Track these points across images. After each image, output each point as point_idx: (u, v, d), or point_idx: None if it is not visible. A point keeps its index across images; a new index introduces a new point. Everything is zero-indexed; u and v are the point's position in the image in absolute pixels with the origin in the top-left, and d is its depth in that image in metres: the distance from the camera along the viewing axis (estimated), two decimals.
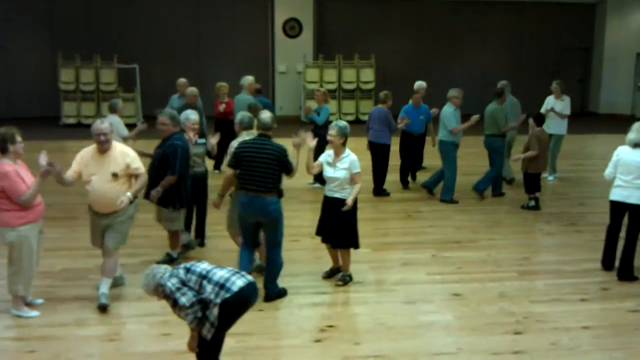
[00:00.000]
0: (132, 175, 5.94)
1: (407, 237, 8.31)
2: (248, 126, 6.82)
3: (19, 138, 5.60)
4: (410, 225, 8.83)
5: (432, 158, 11.29)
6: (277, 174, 6.01)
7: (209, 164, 8.27)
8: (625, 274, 6.78)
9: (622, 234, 6.89)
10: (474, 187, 9.98)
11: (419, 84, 11.34)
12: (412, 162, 10.97)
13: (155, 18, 18.55)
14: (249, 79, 10.87)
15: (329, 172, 6.39)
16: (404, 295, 6.43)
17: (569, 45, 20.50)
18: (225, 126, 10.18)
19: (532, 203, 9.39)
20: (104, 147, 5.85)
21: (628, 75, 19.97)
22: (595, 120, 19.01)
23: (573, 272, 7.07)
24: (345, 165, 6.30)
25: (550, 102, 11.13)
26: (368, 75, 18.30)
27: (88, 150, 5.93)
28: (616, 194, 6.82)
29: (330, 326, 5.70)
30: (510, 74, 19.11)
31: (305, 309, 6.09)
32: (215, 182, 8.04)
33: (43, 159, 5.57)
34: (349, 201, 6.22)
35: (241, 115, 6.98)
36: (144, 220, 7.25)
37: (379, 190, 10.15)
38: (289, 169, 6.09)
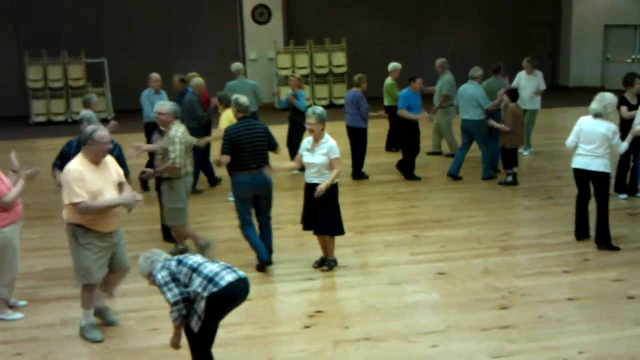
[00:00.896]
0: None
1: (389, 219, 8.33)
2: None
3: None
4: (391, 207, 8.85)
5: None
6: (267, 149, 6.62)
7: None
8: (603, 241, 6.89)
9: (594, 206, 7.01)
10: (483, 178, 9.89)
11: (394, 66, 11.33)
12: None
13: (122, 10, 18.20)
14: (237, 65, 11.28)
15: (307, 158, 6.37)
16: (390, 277, 6.46)
17: (538, 20, 20.62)
18: None
19: (510, 179, 9.48)
20: (104, 157, 5.15)
21: (597, 47, 20.16)
22: (566, 93, 19.19)
23: (554, 245, 7.16)
24: (324, 150, 6.27)
25: (521, 77, 11.20)
26: (340, 59, 18.22)
27: (80, 168, 4.96)
28: (577, 162, 6.97)
29: (319, 311, 5.72)
30: (481, 50, 19.33)
31: (292, 296, 6.10)
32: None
33: (14, 159, 5.48)
34: (323, 186, 6.18)
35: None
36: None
37: (358, 173, 10.15)
38: (275, 144, 6.70)
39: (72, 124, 15.59)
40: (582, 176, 7.00)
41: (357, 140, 10.03)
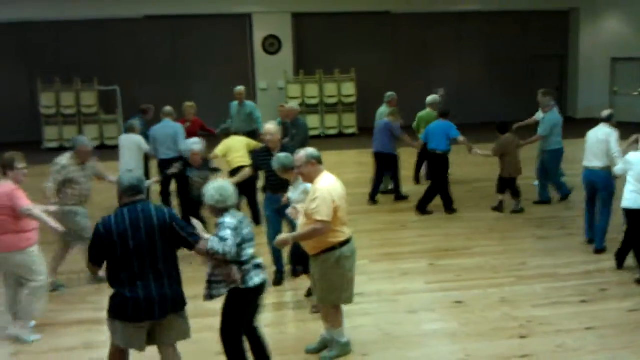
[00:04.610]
0: None
1: (403, 247, 8.35)
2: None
3: (19, 165, 5.60)
4: (405, 236, 8.88)
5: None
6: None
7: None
8: None
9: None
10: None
11: (433, 98, 11.42)
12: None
13: (133, 40, 18.49)
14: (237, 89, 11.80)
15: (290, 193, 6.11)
16: (406, 305, 6.47)
17: (544, 53, 20.83)
18: None
19: (518, 207, 9.75)
20: None
21: (604, 80, 20.31)
22: (574, 125, 19.29)
23: (570, 274, 7.17)
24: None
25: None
26: (349, 89, 18.42)
27: None
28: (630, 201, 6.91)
29: None
30: (487, 83, 19.51)
31: (309, 323, 6.08)
32: None
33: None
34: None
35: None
36: None
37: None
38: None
39: None
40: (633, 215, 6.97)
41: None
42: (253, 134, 10.83)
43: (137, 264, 4.24)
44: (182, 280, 4.53)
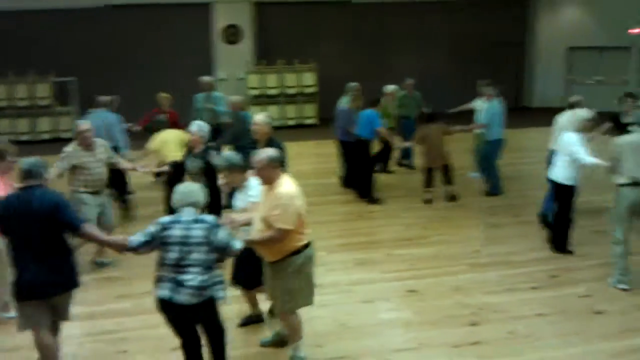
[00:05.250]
0: None
1: (360, 238, 8.39)
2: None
3: (9, 157, 5.67)
4: (362, 226, 8.91)
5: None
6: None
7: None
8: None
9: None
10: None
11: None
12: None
13: (91, 30, 18.09)
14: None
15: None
16: (362, 295, 6.50)
17: (503, 42, 21.07)
18: None
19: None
20: None
21: (560, 69, 20.66)
22: (530, 113, 19.60)
23: (522, 261, 7.30)
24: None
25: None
26: (309, 79, 18.37)
27: None
28: None
29: None
30: (448, 72, 19.66)
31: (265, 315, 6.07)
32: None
33: None
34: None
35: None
36: None
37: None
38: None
39: (37, 143, 15.42)
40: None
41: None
42: (218, 128, 10.09)
43: (21, 246, 4.48)
44: (73, 262, 4.74)
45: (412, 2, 19.79)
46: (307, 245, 4.96)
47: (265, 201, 4.84)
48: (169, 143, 8.63)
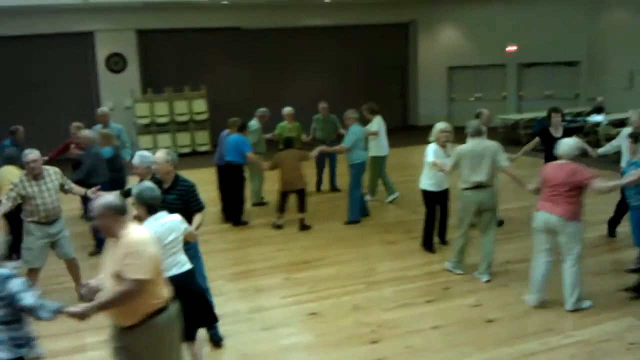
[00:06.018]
0: None
1: (258, 264, 8.34)
2: None
3: None
4: (260, 252, 8.87)
5: None
6: None
7: None
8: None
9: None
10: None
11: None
12: None
13: None
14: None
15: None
16: (262, 322, 6.46)
17: (389, 65, 21.84)
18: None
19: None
20: None
21: (442, 88, 21.69)
22: (416, 132, 20.38)
23: (416, 276, 7.52)
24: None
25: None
26: (201, 106, 18.20)
27: None
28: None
29: None
30: (338, 95, 20.08)
31: None
32: None
33: None
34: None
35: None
36: None
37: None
38: None
39: None
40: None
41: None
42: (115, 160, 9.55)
43: None
44: None
45: (301, 28, 20.15)
46: (166, 307, 4.20)
47: (112, 255, 4.12)
48: (6, 180, 7.66)
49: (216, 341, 5.95)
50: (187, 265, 5.00)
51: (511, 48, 20.69)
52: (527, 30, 19.97)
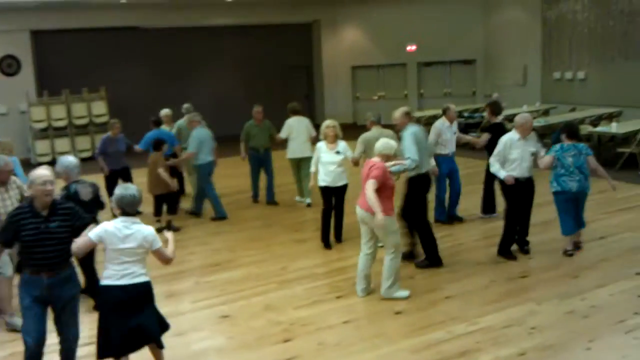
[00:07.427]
0: None
1: (167, 269, 8.01)
2: None
3: None
4: None
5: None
6: None
7: None
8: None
9: None
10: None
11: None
12: None
13: None
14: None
15: None
16: (173, 328, 6.28)
17: (294, 64, 21.95)
18: None
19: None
20: None
21: (346, 87, 22.03)
22: None
23: (325, 273, 7.64)
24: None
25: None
26: (100, 108, 17.62)
27: None
28: None
29: None
30: (243, 95, 20.03)
31: None
32: None
33: None
34: None
35: None
36: None
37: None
38: None
39: None
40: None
41: None
42: None
43: None
44: None
45: (205, 27, 19.89)
46: None
47: None
48: None
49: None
50: (143, 278, 5.02)
51: (411, 48, 21.32)
52: (426, 31, 20.62)
